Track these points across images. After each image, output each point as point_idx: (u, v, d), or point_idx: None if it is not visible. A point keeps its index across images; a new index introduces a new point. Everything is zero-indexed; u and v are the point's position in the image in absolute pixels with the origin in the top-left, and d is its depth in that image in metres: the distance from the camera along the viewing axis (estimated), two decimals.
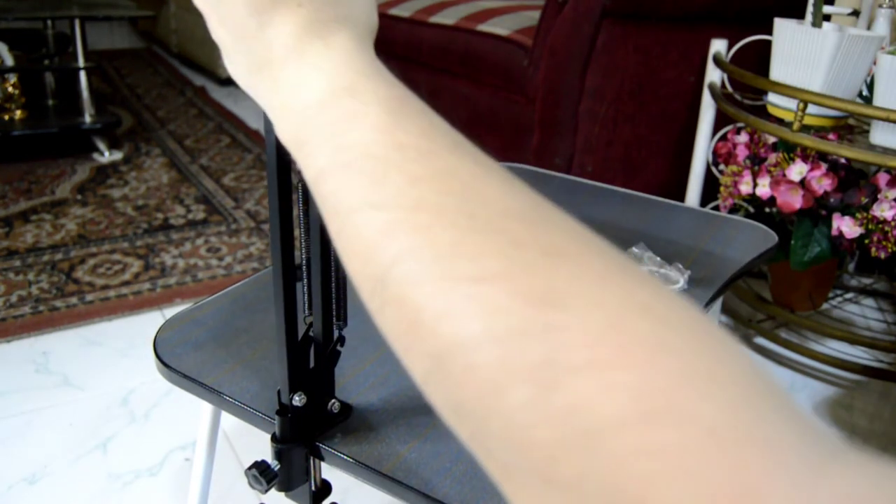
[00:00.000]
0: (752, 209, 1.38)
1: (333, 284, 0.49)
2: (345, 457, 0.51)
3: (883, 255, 1.15)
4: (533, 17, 1.58)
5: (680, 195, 1.49)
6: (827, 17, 1.28)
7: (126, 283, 1.48)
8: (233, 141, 2.40)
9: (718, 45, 1.35)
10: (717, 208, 1.37)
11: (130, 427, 1.09)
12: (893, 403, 1.25)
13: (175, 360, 0.61)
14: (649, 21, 1.39)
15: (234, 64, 0.33)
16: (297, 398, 0.50)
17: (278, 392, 0.51)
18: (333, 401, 0.53)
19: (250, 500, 0.97)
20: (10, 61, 2.11)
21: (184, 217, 1.80)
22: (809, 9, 1.19)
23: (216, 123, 2.56)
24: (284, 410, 0.51)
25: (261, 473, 0.50)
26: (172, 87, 3.07)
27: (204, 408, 0.67)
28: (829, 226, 1.20)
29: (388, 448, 0.51)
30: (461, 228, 0.24)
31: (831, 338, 1.32)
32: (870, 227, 1.16)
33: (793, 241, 1.24)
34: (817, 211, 1.23)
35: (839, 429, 1.18)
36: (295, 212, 0.46)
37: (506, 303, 0.22)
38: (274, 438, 0.52)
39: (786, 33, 1.16)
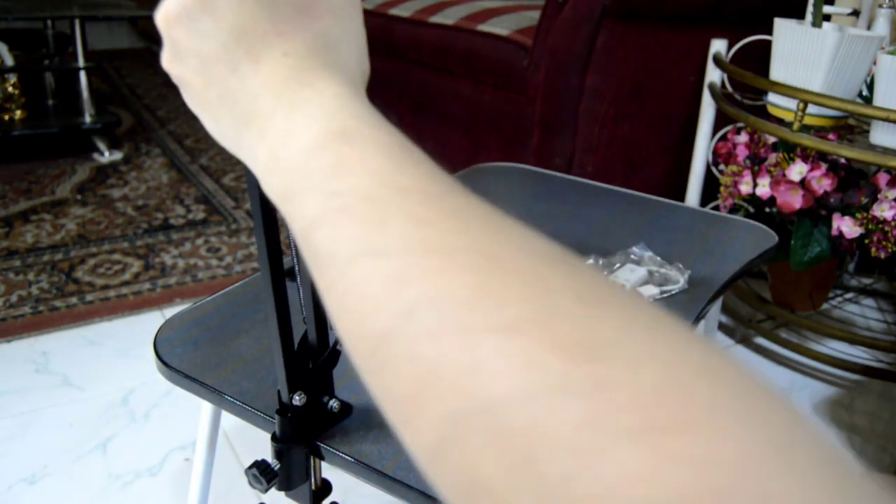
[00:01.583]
0: (752, 209, 1.38)
1: None
2: (345, 456, 0.51)
3: (883, 255, 1.15)
4: (533, 17, 1.58)
5: (680, 195, 1.49)
6: (827, 17, 1.28)
7: (126, 283, 1.48)
8: None
9: (718, 45, 1.35)
10: (717, 208, 1.37)
11: (130, 427, 1.09)
12: (893, 403, 1.25)
13: (175, 359, 0.61)
14: (649, 21, 1.39)
15: (220, 125, 0.31)
16: (297, 398, 0.50)
17: (278, 392, 0.51)
18: (333, 400, 0.53)
19: (250, 500, 0.97)
20: (10, 61, 2.11)
21: (184, 217, 1.80)
22: (809, 9, 1.19)
23: None
24: (284, 410, 0.51)
25: (261, 473, 0.50)
26: (172, 87, 3.06)
27: (204, 408, 0.67)
28: (829, 226, 1.20)
29: (388, 447, 0.51)
30: (482, 271, 0.21)
31: (831, 338, 1.32)
32: (870, 227, 1.16)
33: (793, 241, 1.24)
34: (817, 211, 1.23)
35: (839, 429, 1.18)
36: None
37: (542, 356, 0.19)
38: (274, 438, 0.52)
39: (786, 33, 1.16)
